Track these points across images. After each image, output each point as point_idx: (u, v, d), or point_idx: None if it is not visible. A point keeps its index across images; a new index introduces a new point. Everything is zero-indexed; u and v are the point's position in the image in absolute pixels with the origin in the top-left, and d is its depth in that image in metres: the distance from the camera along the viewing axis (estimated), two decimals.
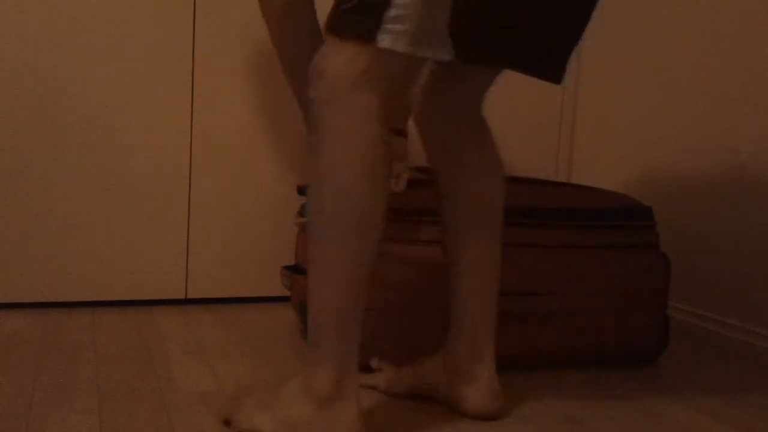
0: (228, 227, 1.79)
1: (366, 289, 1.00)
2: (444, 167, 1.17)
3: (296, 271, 1.59)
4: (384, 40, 0.93)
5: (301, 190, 1.62)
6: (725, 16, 1.73)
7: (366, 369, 1.34)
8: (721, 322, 1.73)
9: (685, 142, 1.83)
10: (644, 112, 1.96)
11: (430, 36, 0.94)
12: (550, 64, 1.05)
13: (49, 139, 1.63)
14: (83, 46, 1.63)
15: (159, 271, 1.74)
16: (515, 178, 1.54)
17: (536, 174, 2.16)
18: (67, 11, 1.62)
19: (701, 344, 1.69)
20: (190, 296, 1.78)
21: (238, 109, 1.76)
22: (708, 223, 1.76)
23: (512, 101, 2.10)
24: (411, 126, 1.90)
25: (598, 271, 1.44)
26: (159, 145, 1.71)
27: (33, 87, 1.61)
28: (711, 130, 1.76)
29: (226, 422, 1.08)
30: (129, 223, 1.71)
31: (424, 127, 1.19)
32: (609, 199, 1.51)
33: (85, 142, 1.66)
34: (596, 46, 2.14)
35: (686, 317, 1.82)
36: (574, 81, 2.19)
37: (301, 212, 1.60)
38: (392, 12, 0.92)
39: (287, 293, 1.84)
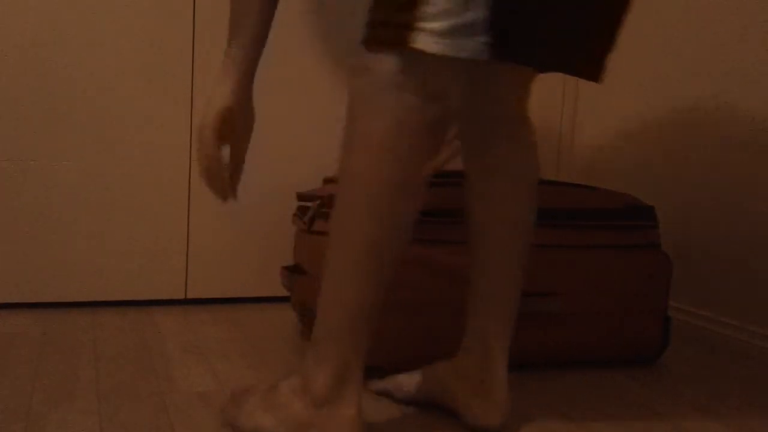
0: (228, 227, 1.79)
1: (384, 290, 0.98)
2: (471, 166, 1.13)
3: (296, 271, 1.59)
4: (419, 41, 0.88)
5: (301, 197, 1.62)
6: (727, 16, 1.73)
7: (374, 372, 1.34)
8: (721, 322, 1.73)
9: (686, 142, 1.83)
10: (644, 112, 1.96)
11: (466, 34, 0.88)
12: (591, 63, 0.99)
13: (49, 139, 1.63)
14: (83, 46, 1.63)
15: (159, 271, 1.74)
16: None
17: None
18: (66, 12, 1.62)
19: (701, 344, 1.69)
20: (190, 296, 1.78)
21: None
22: (708, 223, 1.76)
23: None
24: None
25: (599, 272, 1.44)
26: (158, 144, 1.71)
27: (32, 87, 1.61)
28: (712, 129, 1.76)
29: (229, 425, 1.08)
30: (129, 223, 1.71)
31: (459, 122, 1.14)
32: (611, 198, 1.51)
33: (85, 141, 1.66)
34: None
35: (686, 317, 1.82)
36: (574, 81, 2.19)
37: (298, 214, 1.60)
38: (429, 9, 0.87)
39: (287, 293, 1.83)
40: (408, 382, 1.21)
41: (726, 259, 1.71)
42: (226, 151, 1.14)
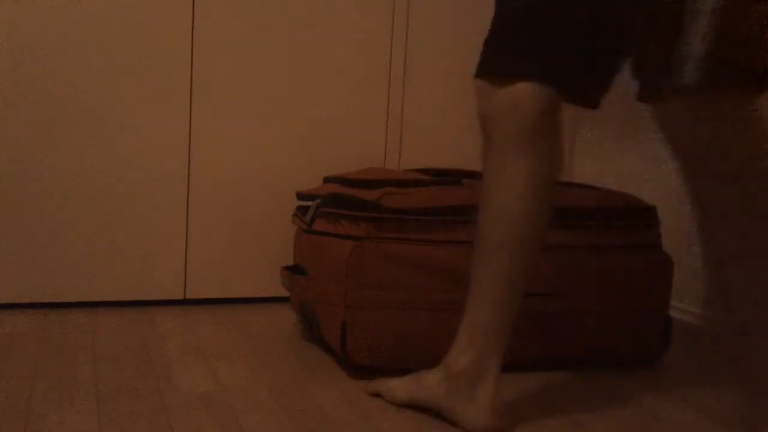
0: (227, 227, 1.79)
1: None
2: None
3: (296, 271, 1.58)
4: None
5: (300, 196, 1.61)
6: None
7: (372, 375, 1.34)
8: (721, 322, 1.73)
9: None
10: (644, 111, 1.96)
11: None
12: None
13: (48, 139, 1.63)
14: (82, 46, 1.63)
15: (158, 272, 1.74)
16: None
17: None
18: (66, 13, 1.62)
19: (701, 344, 1.69)
20: (189, 297, 1.78)
21: (237, 109, 1.76)
22: (708, 223, 1.76)
23: None
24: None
25: (600, 272, 1.43)
26: (158, 144, 1.71)
27: (32, 87, 1.61)
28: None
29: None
30: (128, 223, 1.71)
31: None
32: (612, 198, 1.51)
33: (84, 142, 1.66)
34: None
35: (686, 317, 1.82)
36: None
37: (298, 214, 1.60)
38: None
39: (287, 293, 1.83)
40: (399, 387, 1.20)
41: (726, 259, 1.71)
42: None
